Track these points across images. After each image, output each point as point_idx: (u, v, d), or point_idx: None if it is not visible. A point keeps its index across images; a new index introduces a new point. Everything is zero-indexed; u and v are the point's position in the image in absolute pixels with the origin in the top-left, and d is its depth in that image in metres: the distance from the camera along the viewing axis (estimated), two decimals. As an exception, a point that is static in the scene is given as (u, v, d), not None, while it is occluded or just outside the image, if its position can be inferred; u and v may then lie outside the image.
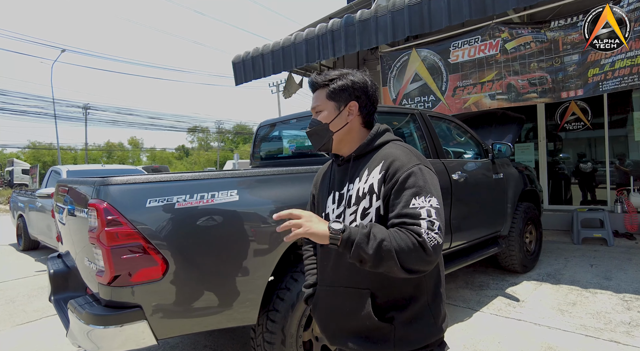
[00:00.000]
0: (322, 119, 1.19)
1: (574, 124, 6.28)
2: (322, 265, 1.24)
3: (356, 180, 1.14)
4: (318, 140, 1.22)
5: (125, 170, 7.18)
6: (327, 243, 0.98)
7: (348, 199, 1.14)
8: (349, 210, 1.13)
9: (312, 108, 1.24)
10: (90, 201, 1.63)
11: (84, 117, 33.35)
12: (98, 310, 1.61)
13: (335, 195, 1.20)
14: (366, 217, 1.09)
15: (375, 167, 1.11)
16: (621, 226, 5.35)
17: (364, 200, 1.10)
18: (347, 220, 1.13)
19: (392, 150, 1.13)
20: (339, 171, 1.23)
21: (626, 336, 2.62)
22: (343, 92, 1.19)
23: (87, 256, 1.80)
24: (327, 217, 1.20)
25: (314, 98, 1.22)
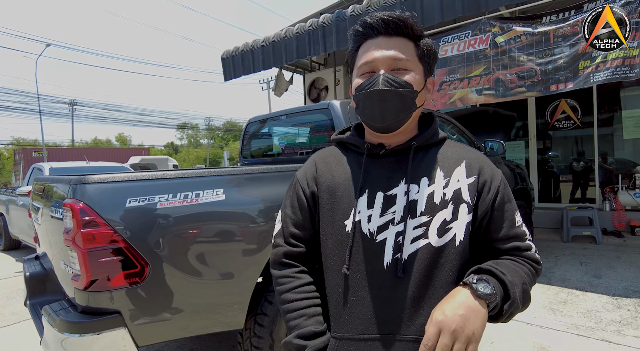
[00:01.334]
0: (410, 82, 0.83)
1: (564, 122, 6.31)
2: (345, 301, 0.82)
3: (423, 181, 0.84)
4: (398, 109, 0.82)
5: (111, 168, 7.01)
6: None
7: (410, 206, 0.81)
8: (413, 221, 0.81)
9: (390, 58, 0.82)
10: (65, 201, 1.53)
11: (71, 113, 32.73)
12: (73, 316, 1.51)
13: (375, 197, 0.84)
14: (446, 234, 0.80)
15: (456, 168, 0.85)
16: (609, 224, 5.39)
17: (443, 211, 0.81)
18: (410, 235, 0.80)
19: (468, 149, 0.91)
20: (381, 164, 0.87)
21: (617, 335, 2.61)
22: (432, 60, 0.89)
23: (63, 259, 1.70)
24: (358, 228, 0.83)
25: (394, 45, 0.83)
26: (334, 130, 2.64)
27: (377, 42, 0.84)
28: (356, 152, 0.92)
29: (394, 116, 0.83)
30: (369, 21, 0.84)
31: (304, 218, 0.92)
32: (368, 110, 0.84)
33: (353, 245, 0.83)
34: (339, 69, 7.50)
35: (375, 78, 0.81)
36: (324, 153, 0.98)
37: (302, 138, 3.40)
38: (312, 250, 0.92)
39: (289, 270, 0.89)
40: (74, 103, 32.53)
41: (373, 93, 0.81)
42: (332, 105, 2.67)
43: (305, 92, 8.13)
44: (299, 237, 0.91)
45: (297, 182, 0.96)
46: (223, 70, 6.71)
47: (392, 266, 0.80)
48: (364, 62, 0.84)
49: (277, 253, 0.91)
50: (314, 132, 3.22)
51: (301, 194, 0.93)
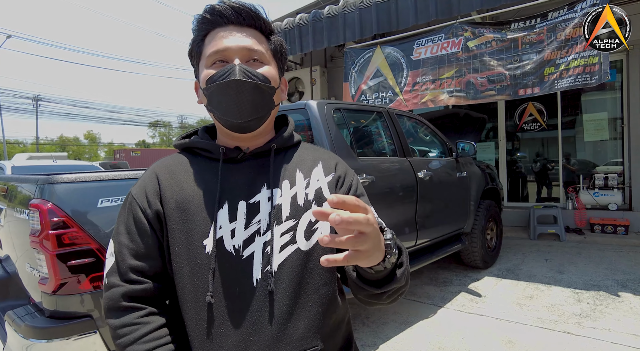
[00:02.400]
0: (268, 76, 0.76)
1: (531, 125, 6.58)
2: (211, 336, 0.70)
3: (285, 184, 0.78)
4: (257, 104, 0.75)
5: (80, 166, 6.76)
6: (375, 264, 0.60)
7: (276, 211, 0.75)
8: (279, 227, 0.74)
9: (246, 48, 0.75)
10: (32, 201, 1.47)
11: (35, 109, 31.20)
12: (40, 321, 1.46)
13: (237, 207, 0.74)
14: (313, 235, 0.75)
15: (314, 168, 0.82)
16: (572, 222, 5.67)
17: (308, 212, 0.76)
18: (277, 243, 0.73)
19: (322, 151, 0.89)
20: (239, 170, 0.78)
21: (577, 327, 2.76)
22: (284, 58, 0.84)
23: (29, 262, 1.64)
24: (220, 246, 0.72)
25: (247, 35, 0.77)
26: (310, 130, 2.65)
27: (227, 30, 0.75)
28: (208, 158, 0.80)
29: (253, 111, 0.75)
30: (218, 8, 0.75)
31: (146, 246, 0.74)
32: (224, 104, 0.74)
33: (216, 268, 0.71)
34: (315, 69, 7.51)
35: (231, 68, 0.72)
36: (166, 162, 0.82)
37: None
38: (160, 284, 0.74)
39: (131, 316, 0.70)
40: (38, 99, 31.02)
41: (230, 84, 0.72)
42: (309, 105, 2.68)
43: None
44: (141, 270, 0.73)
45: (132, 201, 0.76)
46: (197, 68, 6.59)
47: (262, 281, 0.71)
48: (215, 50, 0.75)
49: (112, 297, 0.71)
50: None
51: (140, 216, 0.75)
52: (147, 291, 0.73)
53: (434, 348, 2.58)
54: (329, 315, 0.77)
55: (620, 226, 5.17)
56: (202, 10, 0.78)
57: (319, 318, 0.74)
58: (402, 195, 2.96)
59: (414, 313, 3.12)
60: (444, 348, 2.57)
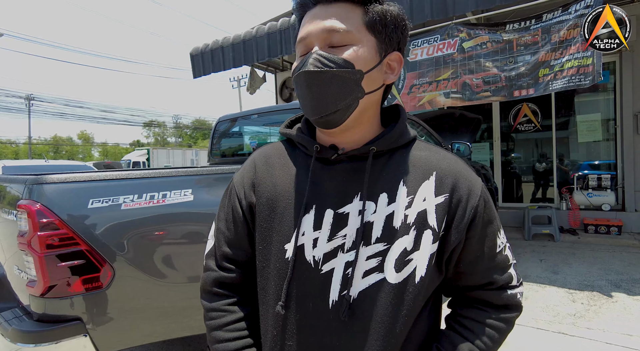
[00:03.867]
0: (351, 59, 0.64)
1: (525, 125, 6.61)
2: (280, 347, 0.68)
3: (382, 198, 0.66)
4: (334, 97, 0.64)
5: (73, 167, 6.68)
6: None
7: (365, 229, 0.64)
8: (367, 249, 0.64)
9: (325, 30, 0.64)
10: (20, 202, 1.44)
11: (27, 109, 30.89)
12: (28, 325, 1.43)
13: (324, 216, 0.66)
14: (406, 267, 0.64)
15: (423, 182, 0.67)
16: (566, 222, 5.70)
17: (404, 237, 0.64)
18: (361, 267, 0.64)
19: (441, 156, 0.71)
20: (332, 173, 0.69)
21: (572, 327, 2.76)
22: (393, 29, 0.69)
23: (17, 264, 1.60)
24: (300, 254, 0.66)
25: (332, 13, 0.65)
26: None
27: (314, 12, 0.67)
28: (305, 153, 0.73)
29: (330, 104, 0.64)
30: None
31: (239, 236, 0.74)
32: (300, 100, 0.67)
33: (293, 277, 0.66)
34: (310, 69, 7.50)
35: (306, 58, 0.64)
36: (267, 150, 0.78)
37: (273, 138, 3.37)
38: (249, 276, 0.75)
39: (220, 302, 0.73)
40: (30, 98, 30.72)
41: (299, 77, 0.64)
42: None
43: (277, 91, 8.08)
44: (233, 259, 0.74)
45: (232, 189, 0.76)
46: (192, 67, 6.55)
47: (338, 304, 0.64)
48: (299, 39, 0.68)
49: (206, 280, 0.75)
50: (285, 132, 3.19)
51: (237, 205, 0.74)
52: (237, 279, 0.75)
53: (429, 349, 2.57)
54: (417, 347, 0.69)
55: (613, 226, 5.20)
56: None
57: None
58: (398, 195, 2.95)
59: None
60: (439, 349, 2.56)
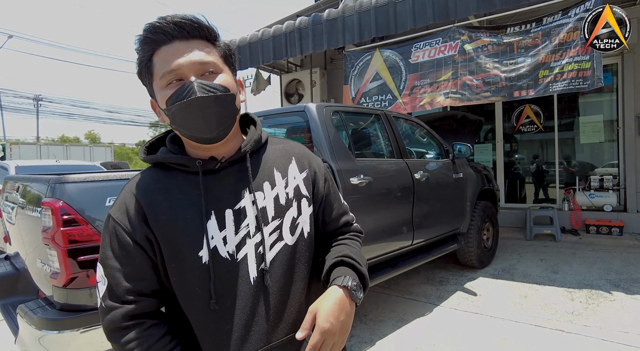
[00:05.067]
0: (225, 85, 0.77)
1: (528, 127, 6.66)
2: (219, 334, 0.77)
3: (265, 185, 0.83)
4: (222, 116, 0.76)
5: (83, 166, 6.82)
6: None
7: (262, 214, 0.80)
8: (268, 228, 0.80)
9: (197, 63, 0.75)
10: (44, 200, 1.55)
11: (35, 109, 31.26)
12: (52, 314, 1.53)
13: (225, 216, 0.78)
14: (296, 230, 0.84)
15: (289, 165, 0.87)
16: (568, 223, 5.74)
17: (290, 209, 0.84)
18: (268, 243, 0.80)
19: (290, 144, 0.93)
20: (219, 180, 0.80)
21: (569, 324, 2.83)
22: (234, 59, 0.85)
23: (40, 257, 1.71)
24: (216, 255, 0.76)
25: (195, 48, 0.76)
26: (309, 131, 2.73)
27: (174, 47, 0.74)
28: (184, 171, 0.80)
29: (220, 123, 0.76)
30: (160, 25, 0.74)
31: (138, 268, 0.76)
32: (190, 123, 0.74)
33: (215, 276, 0.75)
34: (315, 71, 7.59)
35: (189, 86, 0.72)
36: (142, 182, 0.80)
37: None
38: (157, 299, 0.78)
39: (134, 332, 0.73)
40: (39, 99, 31.07)
41: (192, 103, 0.72)
42: (308, 108, 2.75)
43: (281, 93, 8.18)
44: (137, 290, 0.75)
45: (116, 226, 0.76)
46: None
47: (258, 278, 0.78)
48: (168, 70, 0.74)
49: (113, 318, 0.73)
50: (290, 134, 3.30)
51: (127, 239, 0.75)
52: (146, 307, 0.75)
53: (429, 344, 2.65)
54: (313, 298, 0.83)
55: (615, 227, 5.24)
56: (142, 29, 0.75)
57: (305, 302, 0.84)
58: (399, 195, 3.04)
59: (410, 311, 3.19)
60: (438, 344, 2.64)
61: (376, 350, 2.62)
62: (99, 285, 0.77)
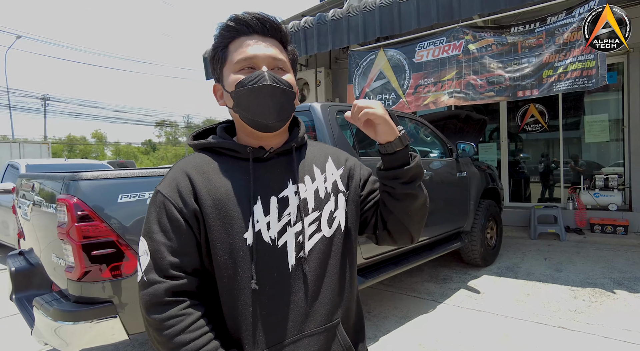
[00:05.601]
0: (290, 82, 0.84)
1: (532, 126, 6.65)
2: (256, 318, 0.78)
3: (306, 179, 0.88)
4: (284, 107, 0.83)
5: (90, 165, 6.92)
6: (391, 140, 0.83)
7: (303, 204, 0.84)
8: (308, 218, 0.84)
9: (271, 57, 0.83)
10: (59, 196, 1.61)
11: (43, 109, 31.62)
12: (67, 306, 1.60)
13: (270, 202, 0.82)
14: (333, 222, 0.87)
15: (326, 163, 0.93)
16: (572, 222, 5.74)
17: (328, 203, 0.88)
18: (307, 233, 0.83)
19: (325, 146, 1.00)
20: (267, 168, 0.85)
21: (571, 321, 2.85)
22: (296, 66, 0.93)
23: (55, 252, 1.77)
24: (259, 238, 0.80)
25: (270, 45, 0.84)
26: (314, 131, 2.77)
27: (253, 40, 0.82)
28: (234, 157, 0.85)
29: (281, 113, 0.82)
30: (244, 18, 0.82)
31: (184, 244, 0.77)
32: (255, 107, 0.80)
33: (258, 258, 0.78)
34: (320, 70, 7.64)
35: (260, 74, 0.79)
36: (193, 161, 0.85)
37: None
38: (197, 278, 0.78)
39: (175, 309, 0.73)
40: (46, 98, 31.43)
41: (262, 88, 0.79)
42: (313, 107, 2.80)
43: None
44: (180, 266, 0.76)
45: (165, 201, 0.78)
46: (205, 69, 6.73)
47: (296, 266, 0.81)
48: (243, 57, 0.81)
49: (155, 293, 0.73)
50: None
51: (176, 214, 0.77)
52: (187, 285, 0.76)
53: (432, 341, 2.69)
54: (346, 292, 0.88)
55: (619, 226, 5.24)
56: (227, 18, 0.83)
57: (338, 294, 0.86)
58: (403, 194, 3.07)
59: (413, 309, 3.23)
60: (442, 341, 2.68)
61: (380, 346, 2.66)
62: (142, 258, 0.78)
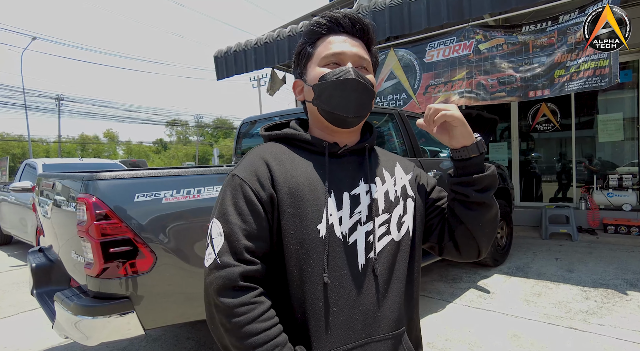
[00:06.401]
0: (372, 82, 0.87)
1: (544, 125, 6.59)
2: (326, 315, 0.76)
3: (377, 180, 0.87)
4: (365, 103, 0.84)
5: (104, 164, 7.06)
6: (467, 145, 0.83)
7: (375, 204, 0.83)
8: (379, 219, 0.83)
9: (357, 55, 0.85)
10: (79, 195, 1.67)
11: (57, 108, 32.22)
12: (86, 301, 1.66)
13: (342, 198, 0.81)
14: (402, 227, 0.86)
15: (394, 167, 0.92)
16: (585, 222, 5.68)
17: (398, 206, 0.86)
18: (377, 234, 0.82)
19: (388, 152, 1.01)
20: (341, 164, 0.84)
21: (583, 323, 2.83)
22: (376, 69, 0.94)
23: (74, 249, 1.84)
24: (332, 232, 0.78)
25: (357, 45, 0.86)
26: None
27: (342, 38, 0.84)
28: (309, 150, 0.85)
29: (360, 109, 0.83)
30: (336, 16, 0.84)
31: (259, 228, 0.76)
32: (337, 99, 0.81)
33: (330, 252, 0.76)
34: (329, 70, 7.65)
35: (346, 69, 0.81)
36: (271, 149, 0.84)
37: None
38: (267, 265, 0.77)
39: (248, 296, 0.71)
40: (60, 98, 32.03)
41: (347, 82, 0.80)
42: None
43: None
44: (254, 251, 0.74)
45: (243, 184, 0.78)
46: (216, 70, 6.81)
47: (365, 267, 0.79)
48: (332, 53, 0.83)
49: (229, 277, 0.71)
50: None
51: (253, 198, 0.76)
52: (259, 272, 0.74)
53: (441, 339, 2.70)
54: (413, 301, 0.87)
55: (634, 226, 5.17)
56: (319, 16, 0.86)
57: (405, 301, 0.84)
58: (412, 193, 3.08)
59: (423, 308, 3.24)
60: (451, 339, 2.69)
61: (389, 344, 2.68)
62: (214, 241, 0.76)
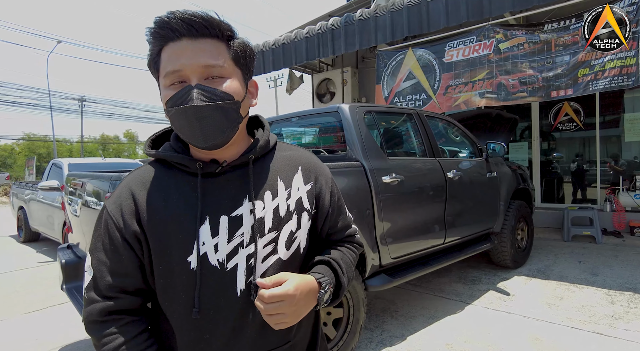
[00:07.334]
0: (229, 92, 0.72)
1: (567, 124, 6.43)
2: (197, 343, 0.75)
3: (267, 195, 0.78)
4: (221, 126, 0.71)
5: (126, 164, 7.25)
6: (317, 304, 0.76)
7: (259, 224, 0.76)
8: (263, 240, 0.76)
9: (201, 66, 0.70)
10: (107, 194, 1.73)
11: (80, 109, 33.17)
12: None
13: (219, 222, 0.74)
14: (292, 244, 0.80)
15: (294, 176, 0.83)
16: (610, 224, 5.51)
17: (289, 222, 0.79)
18: (261, 255, 0.76)
19: (299, 152, 0.88)
20: (219, 184, 0.77)
21: (608, 328, 2.76)
22: (250, 60, 0.79)
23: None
24: (205, 262, 0.73)
25: (202, 49, 0.70)
26: (342, 131, 2.82)
27: (181, 45, 0.70)
28: (185, 171, 0.77)
29: (218, 134, 0.71)
30: (169, 21, 0.69)
31: (124, 264, 0.73)
32: (186, 130, 0.71)
33: (202, 284, 0.73)
34: (346, 70, 7.66)
35: (187, 91, 0.69)
36: (140, 176, 0.78)
37: (308, 137, 3.60)
38: (140, 297, 0.76)
39: (111, 328, 0.71)
40: (83, 100, 32.96)
41: (188, 110, 0.68)
42: (341, 108, 2.84)
43: (313, 92, 8.31)
44: (119, 286, 0.73)
45: (108, 219, 0.74)
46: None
47: (245, 291, 0.75)
48: (171, 70, 0.70)
49: (92, 312, 0.71)
50: (323, 133, 3.40)
51: (117, 234, 0.73)
52: (127, 304, 0.74)
53: (460, 341, 2.68)
54: None
55: (662, 229, 4.99)
56: (153, 21, 0.71)
57: None
58: (432, 194, 3.07)
59: (441, 309, 3.22)
60: (470, 341, 2.67)
61: (407, 344, 2.68)
62: (86, 274, 0.76)
